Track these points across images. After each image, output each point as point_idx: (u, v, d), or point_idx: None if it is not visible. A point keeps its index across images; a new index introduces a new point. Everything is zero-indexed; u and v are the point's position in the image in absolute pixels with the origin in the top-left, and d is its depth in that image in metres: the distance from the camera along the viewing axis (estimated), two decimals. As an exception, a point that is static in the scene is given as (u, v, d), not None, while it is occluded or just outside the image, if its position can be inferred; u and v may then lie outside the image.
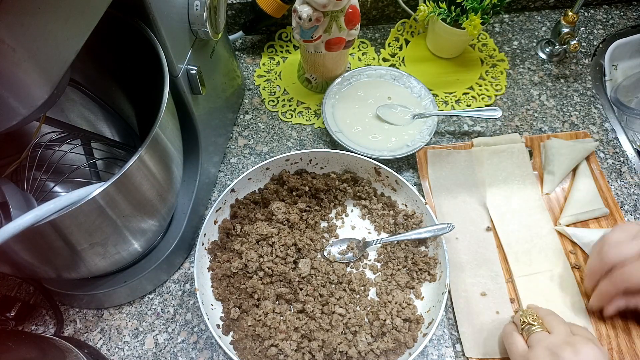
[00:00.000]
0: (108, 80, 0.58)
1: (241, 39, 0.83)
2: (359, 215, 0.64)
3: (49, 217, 0.38)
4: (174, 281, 0.61)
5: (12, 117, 0.34)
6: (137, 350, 0.56)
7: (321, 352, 0.52)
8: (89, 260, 0.47)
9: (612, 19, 0.86)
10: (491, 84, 0.77)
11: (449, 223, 0.58)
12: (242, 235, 0.60)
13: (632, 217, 0.65)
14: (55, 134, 0.56)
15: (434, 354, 0.56)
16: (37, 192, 0.53)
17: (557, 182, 0.66)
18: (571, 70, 0.80)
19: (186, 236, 0.61)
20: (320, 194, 0.63)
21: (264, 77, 0.79)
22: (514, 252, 0.61)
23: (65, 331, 0.58)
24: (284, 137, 0.73)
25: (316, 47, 0.66)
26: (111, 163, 0.63)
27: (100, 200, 0.40)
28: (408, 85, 0.73)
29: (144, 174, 0.44)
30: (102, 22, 0.37)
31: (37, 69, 0.32)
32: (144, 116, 0.61)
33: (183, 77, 0.53)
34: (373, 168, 0.62)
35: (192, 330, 0.57)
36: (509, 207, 0.64)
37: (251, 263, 0.57)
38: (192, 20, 0.51)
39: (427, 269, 0.58)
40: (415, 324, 0.54)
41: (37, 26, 0.31)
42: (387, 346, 0.52)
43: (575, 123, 0.74)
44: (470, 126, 0.73)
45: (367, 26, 0.85)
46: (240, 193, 0.62)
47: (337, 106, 0.71)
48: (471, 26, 0.68)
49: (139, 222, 0.49)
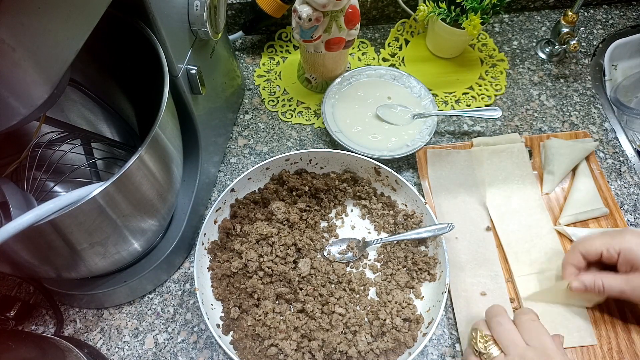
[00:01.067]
0: (108, 80, 0.58)
1: (241, 39, 0.83)
2: (359, 215, 0.64)
3: (49, 216, 0.38)
4: (174, 281, 0.61)
5: (12, 116, 0.34)
6: (137, 350, 0.56)
7: (321, 351, 0.52)
8: (89, 260, 0.47)
9: (612, 19, 0.86)
10: (491, 83, 0.77)
11: (449, 223, 0.58)
12: (242, 235, 0.60)
13: (632, 217, 0.65)
14: (55, 134, 0.56)
15: (434, 353, 0.56)
16: (37, 191, 0.53)
17: (557, 182, 0.66)
18: (571, 70, 0.80)
19: (186, 236, 0.61)
20: (320, 193, 0.63)
21: (263, 77, 0.79)
22: (513, 252, 0.61)
23: (65, 331, 0.58)
24: (284, 137, 0.73)
25: (316, 47, 0.66)
26: (111, 163, 0.63)
27: (100, 200, 0.40)
28: (408, 85, 0.73)
29: (144, 174, 0.44)
30: (102, 22, 0.38)
31: (37, 69, 0.33)
32: (144, 116, 0.61)
33: (183, 77, 0.53)
34: (373, 168, 0.62)
35: (192, 330, 0.57)
36: (508, 207, 0.64)
37: (251, 263, 0.57)
38: (192, 20, 0.51)
39: (427, 268, 0.58)
40: (415, 323, 0.54)
41: (37, 26, 0.31)
42: (387, 346, 0.52)
43: (575, 123, 0.74)
44: (470, 126, 0.74)
45: (367, 26, 0.85)
46: (240, 193, 0.62)
47: (337, 106, 0.71)
48: (471, 26, 0.68)
49: (139, 222, 0.49)
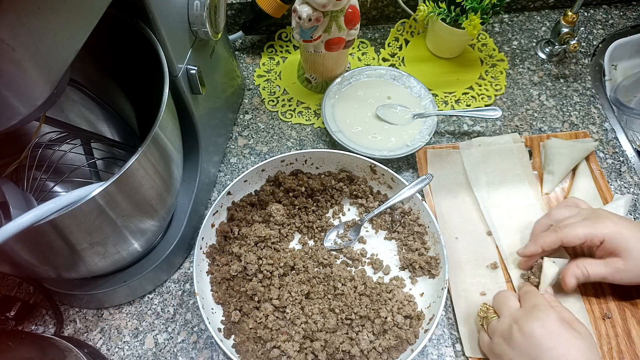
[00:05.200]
0: (108, 80, 0.58)
1: (241, 39, 0.83)
2: (356, 213, 0.64)
3: (49, 216, 0.38)
4: (173, 281, 0.61)
5: (12, 116, 0.34)
6: (137, 350, 0.56)
7: (324, 352, 0.52)
8: (89, 260, 0.47)
9: (612, 19, 0.86)
10: (491, 83, 0.77)
11: (428, 174, 0.61)
12: (240, 237, 0.60)
13: (632, 217, 0.65)
14: (55, 134, 0.56)
15: (434, 353, 0.56)
16: (37, 191, 0.53)
17: (557, 182, 0.66)
18: (571, 70, 0.80)
19: (186, 236, 0.61)
20: (317, 194, 0.63)
21: (263, 77, 0.79)
22: (513, 252, 0.61)
23: (65, 331, 0.58)
24: (284, 137, 0.73)
25: (316, 47, 0.66)
26: (111, 163, 0.63)
27: (100, 200, 0.40)
28: (408, 85, 0.73)
29: (144, 174, 0.44)
30: (102, 22, 0.37)
31: (37, 69, 0.32)
32: (144, 116, 0.61)
33: (183, 77, 0.53)
34: (369, 166, 0.62)
35: (192, 330, 0.57)
36: (508, 207, 0.64)
37: (250, 265, 0.57)
38: (192, 20, 0.51)
39: (428, 268, 0.58)
40: (416, 320, 0.54)
41: (37, 26, 0.31)
42: (389, 343, 0.52)
43: (574, 123, 0.74)
44: (470, 126, 0.74)
45: (366, 26, 0.85)
46: (237, 195, 0.62)
47: (337, 106, 0.71)
48: (471, 26, 0.68)
49: (139, 222, 0.49)
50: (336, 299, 0.56)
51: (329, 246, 0.61)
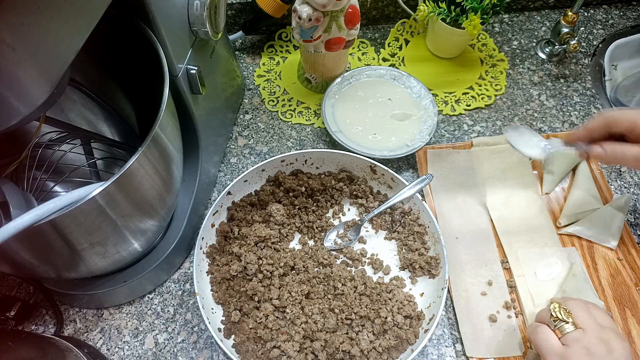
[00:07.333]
0: (108, 80, 0.58)
1: (241, 39, 0.83)
2: (356, 213, 0.64)
3: (49, 216, 0.38)
4: (173, 281, 0.61)
5: (12, 116, 0.34)
6: (137, 349, 0.56)
7: (324, 352, 0.52)
8: (89, 259, 0.47)
9: (612, 19, 0.86)
10: (491, 83, 0.77)
11: (428, 174, 0.61)
12: (240, 237, 0.60)
13: (632, 217, 0.65)
14: (55, 134, 0.56)
15: (434, 353, 0.56)
16: (37, 191, 0.53)
17: (557, 182, 0.66)
18: (571, 70, 0.80)
19: (186, 236, 0.61)
20: (317, 194, 0.63)
21: (263, 77, 0.79)
22: (514, 252, 0.61)
23: (65, 331, 0.58)
24: (284, 137, 0.73)
25: (316, 47, 0.66)
26: (111, 163, 0.63)
27: (100, 200, 0.40)
28: (408, 85, 0.73)
29: (144, 174, 0.44)
30: (102, 22, 0.38)
31: (37, 69, 0.33)
32: (144, 116, 0.61)
33: (183, 77, 0.53)
34: (368, 166, 0.62)
35: (192, 330, 0.57)
36: (508, 206, 0.64)
37: (250, 265, 0.57)
38: (192, 20, 0.51)
39: (428, 268, 0.58)
40: (416, 320, 0.54)
41: (38, 26, 0.31)
42: (389, 343, 0.52)
43: (575, 123, 0.74)
44: (470, 126, 0.74)
45: (367, 26, 0.85)
46: (237, 195, 0.62)
47: (337, 106, 0.71)
48: (471, 26, 0.68)
49: (139, 222, 0.49)
50: (336, 299, 0.56)
51: (329, 246, 0.61)
